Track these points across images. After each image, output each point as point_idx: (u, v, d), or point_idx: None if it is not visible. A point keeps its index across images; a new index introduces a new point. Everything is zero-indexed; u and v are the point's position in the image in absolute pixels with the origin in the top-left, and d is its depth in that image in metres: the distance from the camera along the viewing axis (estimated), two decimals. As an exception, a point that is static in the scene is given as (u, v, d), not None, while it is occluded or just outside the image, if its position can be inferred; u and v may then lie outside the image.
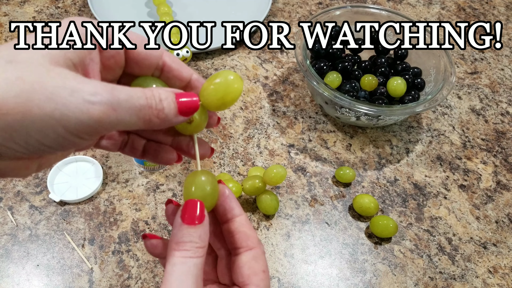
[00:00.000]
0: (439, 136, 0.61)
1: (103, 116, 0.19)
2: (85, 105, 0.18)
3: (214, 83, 0.25)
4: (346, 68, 0.59)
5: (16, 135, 0.18)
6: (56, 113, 0.18)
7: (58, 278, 0.45)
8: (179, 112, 0.22)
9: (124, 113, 0.20)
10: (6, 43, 0.20)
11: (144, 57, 0.24)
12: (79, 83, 0.19)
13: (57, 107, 0.18)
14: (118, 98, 0.19)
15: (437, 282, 0.47)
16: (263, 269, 0.26)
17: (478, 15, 0.80)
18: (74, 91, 0.18)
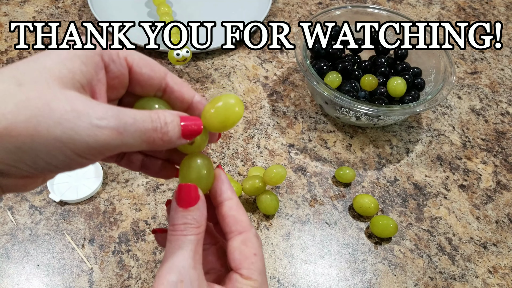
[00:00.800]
0: (439, 136, 0.61)
1: (109, 139, 0.20)
2: (92, 129, 0.19)
3: (216, 106, 0.26)
4: (346, 68, 0.59)
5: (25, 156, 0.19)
6: (64, 137, 0.19)
7: (58, 278, 0.45)
8: (183, 135, 0.23)
9: (130, 136, 0.21)
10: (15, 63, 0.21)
11: (148, 78, 0.25)
12: (87, 107, 0.20)
13: (65, 130, 0.19)
14: (124, 122, 0.20)
15: (437, 282, 0.47)
16: (254, 252, 0.26)
17: (478, 15, 0.80)
18: (82, 115, 0.19)
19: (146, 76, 0.25)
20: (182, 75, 0.65)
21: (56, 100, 0.19)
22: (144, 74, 0.25)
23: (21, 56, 0.65)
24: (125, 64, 0.24)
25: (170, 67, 0.65)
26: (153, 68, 0.25)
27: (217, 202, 0.28)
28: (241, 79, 0.65)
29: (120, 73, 0.24)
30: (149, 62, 0.25)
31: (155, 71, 0.25)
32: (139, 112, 0.21)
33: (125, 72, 0.24)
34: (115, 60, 0.24)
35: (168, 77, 0.26)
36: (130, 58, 0.25)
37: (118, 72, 0.24)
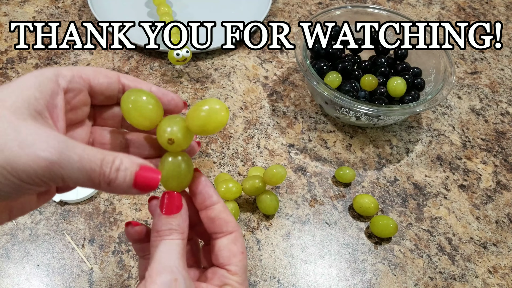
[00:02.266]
0: (439, 136, 0.61)
1: (48, 171, 0.20)
2: (34, 159, 0.20)
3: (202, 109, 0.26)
4: (346, 68, 0.59)
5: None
6: (6, 164, 0.20)
7: (58, 278, 0.45)
8: (134, 186, 0.23)
9: (72, 173, 0.21)
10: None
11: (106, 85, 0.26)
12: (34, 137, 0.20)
13: (6, 158, 0.20)
14: (68, 158, 0.21)
15: (437, 282, 0.47)
16: (242, 251, 0.28)
17: (478, 15, 0.80)
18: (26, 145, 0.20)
19: (105, 84, 0.26)
20: (182, 75, 0.65)
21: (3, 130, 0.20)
22: (102, 83, 0.26)
23: (21, 56, 0.65)
24: (81, 80, 0.25)
25: (170, 67, 0.66)
26: (107, 74, 0.27)
27: (204, 205, 0.29)
28: (241, 79, 0.65)
29: (79, 90, 0.25)
30: (102, 71, 0.26)
31: (110, 77, 0.27)
32: (90, 150, 0.22)
33: (83, 88, 0.25)
34: (71, 80, 0.25)
35: (122, 78, 0.27)
36: (85, 74, 0.26)
37: (77, 90, 0.25)
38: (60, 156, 0.20)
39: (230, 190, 0.48)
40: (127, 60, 0.66)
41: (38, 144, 0.20)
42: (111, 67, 0.65)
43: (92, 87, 0.26)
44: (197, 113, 0.26)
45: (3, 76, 0.62)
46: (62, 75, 0.24)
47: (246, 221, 0.50)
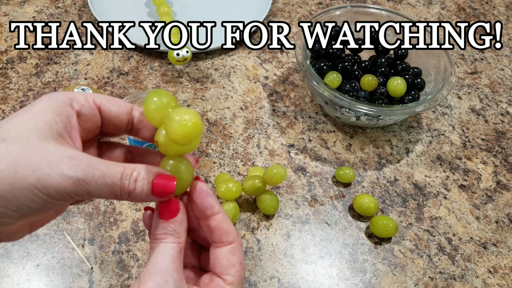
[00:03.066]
0: (439, 136, 0.61)
1: (76, 188, 0.22)
2: (62, 177, 0.22)
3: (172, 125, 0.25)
4: (346, 68, 0.59)
5: (7, 202, 0.22)
6: (38, 183, 0.22)
7: (58, 278, 0.45)
8: (153, 193, 0.25)
9: (96, 188, 0.23)
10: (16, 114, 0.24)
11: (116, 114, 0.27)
12: (60, 157, 0.22)
13: (38, 178, 0.22)
14: (92, 175, 0.23)
15: (437, 282, 0.47)
16: (240, 261, 0.28)
17: (478, 15, 0.80)
18: (54, 165, 0.22)
19: (115, 113, 0.27)
20: (182, 75, 0.65)
21: (33, 151, 0.22)
22: (112, 111, 0.27)
23: (21, 56, 0.65)
24: (94, 105, 0.27)
25: (170, 67, 0.66)
26: (120, 105, 0.28)
27: (205, 215, 0.29)
28: (241, 79, 0.65)
29: (92, 115, 0.27)
30: (115, 100, 0.28)
31: (122, 107, 0.28)
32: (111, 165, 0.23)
33: (95, 113, 0.27)
34: (85, 104, 0.26)
35: (134, 111, 0.28)
36: (98, 100, 0.27)
37: (90, 114, 0.26)
38: (85, 173, 0.22)
39: (230, 190, 0.48)
40: (127, 60, 0.66)
41: (65, 163, 0.22)
42: (111, 67, 0.65)
43: (102, 113, 0.27)
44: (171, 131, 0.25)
45: (3, 76, 0.62)
46: (76, 99, 0.26)
47: (246, 221, 0.50)
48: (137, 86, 0.63)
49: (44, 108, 0.24)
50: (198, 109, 0.61)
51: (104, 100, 0.27)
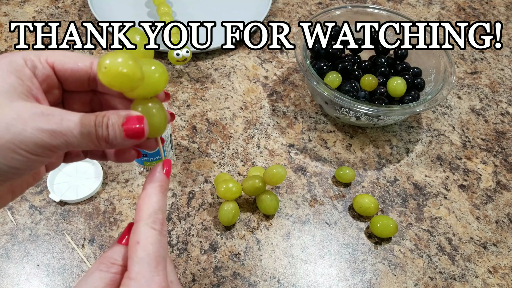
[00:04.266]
0: (439, 136, 0.61)
1: (54, 139, 0.22)
2: (37, 131, 0.22)
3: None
4: (346, 68, 0.59)
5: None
6: (15, 140, 0.22)
7: (58, 278, 0.45)
8: (127, 136, 0.24)
9: (73, 138, 0.23)
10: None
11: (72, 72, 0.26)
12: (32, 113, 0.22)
13: (14, 135, 0.22)
14: (67, 126, 0.23)
15: (437, 282, 0.47)
16: (137, 241, 0.25)
17: (478, 15, 0.80)
18: (27, 121, 0.22)
19: (70, 70, 0.26)
20: (182, 75, 0.65)
21: (4, 112, 0.22)
22: (67, 69, 0.26)
23: (21, 56, 0.65)
24: (47, 66, 0.26)
25: (170, 67, 0.66)
26: (76, 61, 0.26)
27: None
28: (241, 79, 0.65)
29: (46, 76, 0.26)
30: (71, 56, 0.26)
31: (78, 63, 0.26)
32: (84, 115, 0.23)
33: (50, 73, 0.26)
34: (37, 65, 0.25)
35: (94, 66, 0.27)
36: (51, 58, 0.26)
37: (43, 76, 0.26)
38: (60, 125, 0.22)
39: (230, 190, 0.48)
40: (127, 60, 0.66)
41: (38, 118, 0.22)
42: (111, 67, 0.65)
43: (57, 72, 0.26)
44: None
45: (3, 76, 0.62)
46: (29, 60, 0.25)
47: (246, 221, 0.50)
48: (137, 86, 0.63)
49: (5, 72, 0.24)
50: (198, 109, 0.61)
51: (58, 57, 0.26)
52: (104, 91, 0.28)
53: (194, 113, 0.60)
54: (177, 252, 0.47)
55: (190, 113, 0.60)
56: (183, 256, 0.47)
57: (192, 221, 0.50)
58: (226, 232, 0.49)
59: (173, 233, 0.49)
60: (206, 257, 0.47)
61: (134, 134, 0.24)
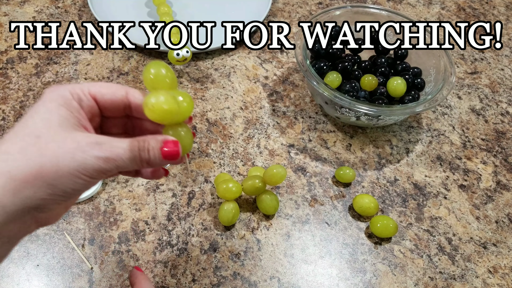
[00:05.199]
0: (439, 136, 0.61)
1: (108, 165, 0.26)
2: (96, 159, 0.26)
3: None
4: (346, 68, 0.59)
5: (55, 188, 0.25)
6: (79, 167, 0.26)
7: (58, 278, 0.45)
8: (164, 158, 0.28)
9: (122, 162, 0.27)
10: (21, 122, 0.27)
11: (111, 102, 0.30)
12: (88, 143, 0.26)
13: (78, 164, 0.26)
14: (117, 153, 0.27)
15: (437, 282, 0.47)
16: None
17: (478, 15, 0.80)
18: (86, 150, 0.26)
19: (109, 101, 0.30)
20: (182, 75, 0.65)
21: (66, 142, 0.26)
22: (107, 100, 0.30)
23: (21, 56, 0.65)
24: (90, 98, 0.29)
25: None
26: (114, 91, 0.30)
27: None
28: (241, 79, 0.65)
29: (90, 107, 0.30)
30: (109, 87, 0.30)
31: (116, 94, 0.30)
32: (129, 142, 0.27)
33: (93, 104, 0.30)
34: (82, 98, 0.29)
35: (129, 95, 0.31)
36: (93, 91, 0.29)
37: (88, 107, 0.29)
38: (112, 152, 0.27)
39: (230, 190, 0.48)
40: (127, 60, 0.66)
41: (94, 147, 0.26)
42: (111, 67, 0.65)
43: (98, 102, 0.30)
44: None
45: (3, 76, 0.62)
46: (75, 93, 0.29)
47: (246, 221, 0.50)
48: (137, 86, 0.63)
49: (56, 105, 0.27)
50: (198, 109, 0.61)
51: (99, 89, 0.30)
52: (137, 116, 0.32)
53: (194, 113, 0.60)
54: (177, 252, 0.47)
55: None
56: (183, 256, 0.47)
57: (192, 221, 0.50)
58: (226, 232, 0.49)
59: (173, 233, 0.49)
60: (206, 257, 0.47)
61: (170, 156, 0.28)
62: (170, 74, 0.30)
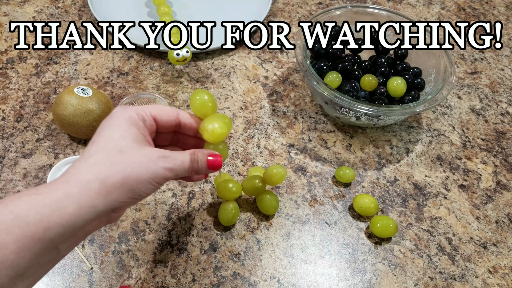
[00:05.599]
0: (439, 136, 0.61)
1: (171, 174, 0.34)
2: (163, 170, 0.33)
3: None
4: (346, 68, 0.59)
5: (134, 193, 0.32)
6: (152, 177, 0.32)
7: (58, 278, 0.45)
8: (209, 168, 0.36)
9: (180, 171, 0.34)
10: (103, 138, 0.33)
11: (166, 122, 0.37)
12: (157, 157, 0.33)
13: (151, 173, 0.32)
14: (178, 165, 0.34)
15: (437, 282, 0.47)
16: None
17: (478, 15, 0.80)
18: (156, 163, 0.33)
19: (165, 120, 0.37)
20: (182, 75, 0.65)
21: (142, 156, 0.32)
22: (163, 120, 0.37)
23: (21, 56, 0.65)
24: (151, 118, 0.36)
25: (170, 67, 0.66)
26: (169, 113, 0.37)
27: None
28: (241, 79, 0.65)
29: (151, 126, 0.36)
30: (165, 109, 0.37)
31: (170, 115, 0.37)
32: (184, 155, 0.35)
33: (153, 124, 0.36)
34: (146, 118, 0.35)
35: (180, 116, 0.38)
36: (153, 113, 0.36)
37: (150, 126, 0.36)
38: (174, 164, 0.33)
39: (230, 190, 0.48)
40: (127, 60, 0.66)
41: (161, 160, 0.33)
42: (111, 67, 0.65)
43: (157, 122, 0.37)
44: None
45: (3, 76, 0.62)
46: (140, 115, 0.35)
47: (246, 221, 0.50)
48: (137, 86, 0.63)
49: (128, 125, 0.34)
50: (198, 109, 0.61)
51: (158, 111, 0.36)
52: (183, 132, 0.39)
53: (194, 113, 0.60)
54: (177, 252, 0.47)
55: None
56: (183, 256, 0.47)
57: (192, 221, 0.50)
58: (226, 232, 0.49)
59: (173, 233, 0.49)
60: (206, 257, 0.47)
61: (214, 166, 0.36)
62: (212, 99, 0.38)
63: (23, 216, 0.28)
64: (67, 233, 0.30)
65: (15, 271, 0.28)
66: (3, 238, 0.27)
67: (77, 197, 0.30)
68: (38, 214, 0.28)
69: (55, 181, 0.31)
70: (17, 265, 0.28)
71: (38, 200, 0.29)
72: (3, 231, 0.27)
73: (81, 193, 0.30)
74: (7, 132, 0.56)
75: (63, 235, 0.29)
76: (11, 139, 0.55)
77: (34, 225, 0.28)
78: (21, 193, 0.29)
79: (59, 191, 0.29)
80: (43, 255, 0.29)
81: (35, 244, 0.28)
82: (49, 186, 0.30)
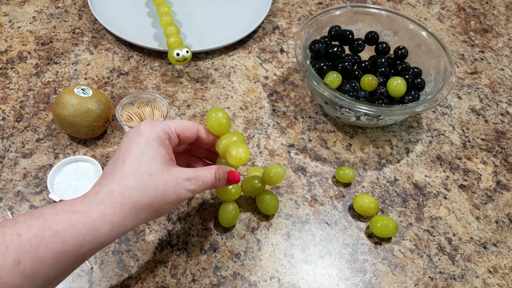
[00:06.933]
0: (439, 136, 0.61)
1: (192, 194, 0.38)
2: (187, 191, 0.37)
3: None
4: (346, 68, 0.59)
5: (159, 212, 0.36)
6: (177, 198, 0.37)
7: (58, 278, 0.45)
8: (228, 184, 0.41)
9: (201, 189, 0.39)
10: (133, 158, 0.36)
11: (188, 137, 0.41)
12: (183, 179, 0.37)
13: (177, 196, 0.36)
14: (199, 185, 0.38)
15: (437, 282, 0.47)
16: None
17: (478, 15, 0.80)
18: (182, 185, 0.37)
19: (187, 136, 0.41)
20: (182, 75, 0.65)
21: (170, 179, 0.36)
22: (185, 135, 0.40)
23: (21, 56, 0.65)
24: (176, 135, 0.39)
25: (170, 67, 0.66)
26: (190, 129, 0.41)
27: None
28: (241, 79, 0.65)
29: (175, 143, 0.40)
30: (187, 126, 0.40)
31: (191, 130, 0.41)
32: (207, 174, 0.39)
33: (177, 140, 0.40)
34: (171, 136, 0.39)
35: (199, 132, 0.42)
36: (178, 130, 0.39)
37: (174, 143, 0.40)
38: (197, 185, 0.38)
39: (229, 191, 0.48)
40: (127, 60, 0.66)
41: (186, 182, 0.37)
42: (111, 67, 0.65)
43: (180, 137, 0.40)
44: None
45: (3, 76, 0.62)
46: (166, 133, 0.38)
47: (246, 221, 0.50)
48: (137, 86, 0.63)
49: (157, 145, 0.37)
50: (198, 109, 0.61)
51: (182, 128, 0.40)
52: (198, 145, 0.44)
53: (194, 113, 0.60)
54: (177, 252, 0.47)
55: (190, 113, 0.60)
56: (183, 256, 0.47)
57: (192, 221, 0.50)
58: (226, 232, 0.49)
59: (173, 233, 0.49)
60: (206, 257, 0.47)
61: (233, 182, 0.41)
62: (226, 116, 0.42)
63: (61, 234, 0.31)
64: (97, 249, 0.33)
65: (45, 281, 0.31)
66: (42, 254, 0.30)
67: (110, 218, 0.33)
68: (75, 233, 0.31)
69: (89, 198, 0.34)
70: (48, 276, 0.31)
71: (75, 219, 0.32)
72: (43, 246, 0.30)
73: (115, 214, 0.33)
74: (7, 132, 0.56)
75: (93, 250, 0.33)
76: (11, 139, 0.55)
77: (71, 243, 0.31)
78: (56, 208, 0.32)
79: (94, 212, 0.33)
80: (72, 267, 0.33)
81: (69, 259, 0.32)
82: (83, 203, 0.33)
